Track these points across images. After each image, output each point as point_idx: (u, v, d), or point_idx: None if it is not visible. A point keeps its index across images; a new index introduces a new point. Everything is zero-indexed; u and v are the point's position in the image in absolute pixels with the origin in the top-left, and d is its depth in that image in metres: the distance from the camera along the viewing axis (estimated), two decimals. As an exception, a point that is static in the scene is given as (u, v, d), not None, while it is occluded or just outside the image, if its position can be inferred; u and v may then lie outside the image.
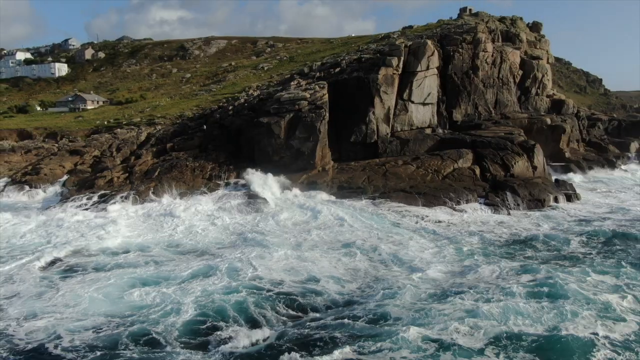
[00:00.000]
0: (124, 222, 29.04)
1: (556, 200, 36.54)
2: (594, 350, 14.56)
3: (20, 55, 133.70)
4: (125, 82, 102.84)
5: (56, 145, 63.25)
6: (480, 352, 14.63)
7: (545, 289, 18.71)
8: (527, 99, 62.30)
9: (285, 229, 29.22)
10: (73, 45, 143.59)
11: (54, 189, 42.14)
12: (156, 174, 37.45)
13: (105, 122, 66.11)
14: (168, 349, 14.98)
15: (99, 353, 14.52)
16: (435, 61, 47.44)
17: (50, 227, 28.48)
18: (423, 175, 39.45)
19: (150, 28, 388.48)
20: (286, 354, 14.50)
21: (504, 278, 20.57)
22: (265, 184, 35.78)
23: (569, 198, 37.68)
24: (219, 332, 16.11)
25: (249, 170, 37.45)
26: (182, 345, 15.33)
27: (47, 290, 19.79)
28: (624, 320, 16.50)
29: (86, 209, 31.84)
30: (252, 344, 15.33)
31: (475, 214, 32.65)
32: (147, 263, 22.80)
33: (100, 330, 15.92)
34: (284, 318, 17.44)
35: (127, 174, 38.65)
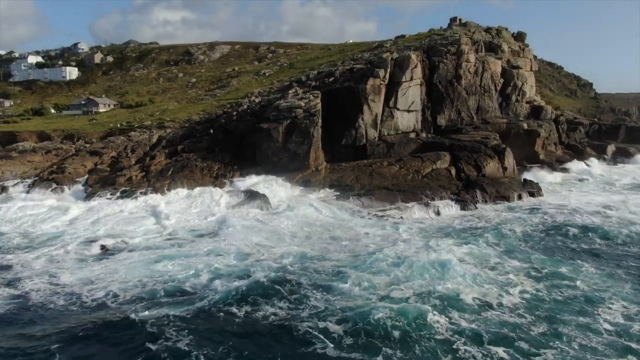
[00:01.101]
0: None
1: (520, 197, 41.72)
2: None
3: (32, 59, 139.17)
4: (134, 86, 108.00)
5: (73, 146, 68.53)
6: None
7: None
8: (508, 105, 67.43)
9: (281, 223, 34.57)
10: (82, 49, 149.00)
11: (78, 186, 47.41)
12: (169, 172, 42.76)
13: (118, 125, 71.40)
14: (195, 294, 20.68)
15: (145, 302, 19.96)
16: (418, 72, 52.63)
17: (90, 215, 33.93)
18: (405, 175, 44.67)
19: (154, 29, 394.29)
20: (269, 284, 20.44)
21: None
22: (269, 184, 41.02)
23: (532, 194, 42.88)
24: (221, 281, 21.98)
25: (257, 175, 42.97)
26: (201, 290, 21.20)
27: (93, 264, 25.10)
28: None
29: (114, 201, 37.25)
30: (242, 285, 21.36)
31: (445, 209, 37.81)
32: (173, 246, 28.26)
33: (142, 288, 21.36)
34: (267, 271, 23.01)
35: (143, 173, 43.95)
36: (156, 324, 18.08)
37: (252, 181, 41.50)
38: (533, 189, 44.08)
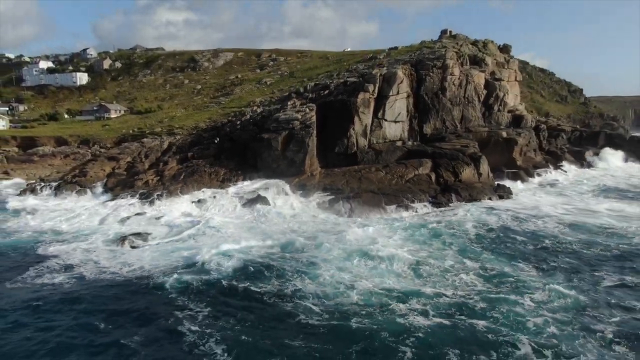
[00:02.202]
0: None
1: (490, 199, 47.23)
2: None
3: (43, 64, 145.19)
4: (142, 92, 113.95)
5: (89, 150, 74.47)
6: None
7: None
8: (491, 115, 72.89)
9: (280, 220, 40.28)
10: (91, 55, 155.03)
11: (99, 188, 53.06)
12: (182, 177, 48.38)
13: (131, 131, 77.18)
14: (205, 268, 26.86)
15: (169, 275, 26.25)
16: (404, 87, 58.18)
17: (114, 213, 39.68)
18: (389, 180, 50.20)
19: (157, 29, 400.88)
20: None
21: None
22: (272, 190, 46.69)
23: (502, 197, 48.41)
24: (224, 262, 27.87)
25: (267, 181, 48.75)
26: (208, 267, 27.37)
27: (124, 253, 30.86)
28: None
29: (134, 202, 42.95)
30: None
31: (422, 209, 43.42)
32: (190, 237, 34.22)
33: (166, 267, 27.40)
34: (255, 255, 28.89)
35: (158, 177, 49.54)
36: (179, 289, 24.56)
37: (255, 186, 47.08)
38: (503, 193, 49.62)
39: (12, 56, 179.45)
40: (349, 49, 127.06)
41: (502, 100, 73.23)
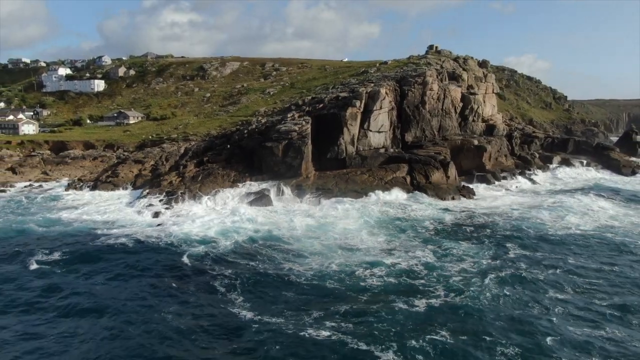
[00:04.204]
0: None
1: (453, 199, 57.35)
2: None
3: (62, 71, 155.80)
4: (156, 99, 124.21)
5: (115, 154, 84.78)
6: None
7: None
8: (466, 124, 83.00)
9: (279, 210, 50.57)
10: (105, 62, 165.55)
11: (129, 187, 63.40)
12: (199, 178, 58.60)
13: (150, 137, 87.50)
14: (214, 236, 36.84)
15: (193, 245, 36.52)
16: (386, 103, 68.37)
17: (151, 206, 50.24)
18: (372, 181, 60.42)
19: (162, 30, 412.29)
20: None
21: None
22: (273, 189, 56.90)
23: (464, 196, 58.51)
24: (225, 238, 37.79)
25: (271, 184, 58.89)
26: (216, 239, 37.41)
27: (161, 233, 41.31)
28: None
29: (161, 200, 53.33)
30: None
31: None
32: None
33: (193, 239, 37.85)
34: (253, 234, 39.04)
35: (180, 178, 59.78)
36: (201, 254, 35.13)
37: (263, 186, 57.32)
38: (466, 193, 59.76)
39: (28, 60, 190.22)
40: (346, 59, 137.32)
41: (476, 112, 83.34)
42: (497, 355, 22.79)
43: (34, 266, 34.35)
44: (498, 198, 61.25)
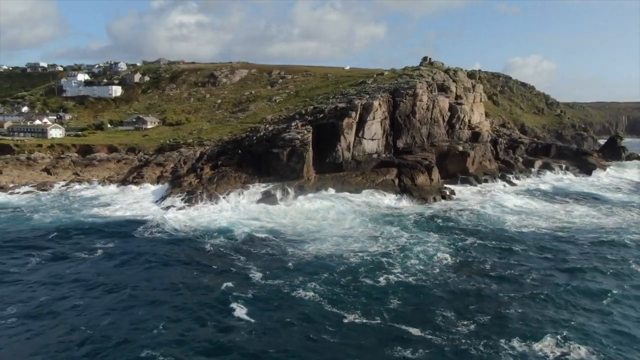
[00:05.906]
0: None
1: (434, 199, 66.11)
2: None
3: (81, 77, 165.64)
4: (170, 105, 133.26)
5: (136, 157, 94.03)
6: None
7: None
8: (453, 132, 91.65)
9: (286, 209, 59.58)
10: (121, 68, 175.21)
11: (152, 187, 72.63)
12: (215, 179, 67.77)
13: (168, 141, 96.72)
14: (230, 228, 45.92)
15: (211, 236, 45.56)
16: (379, 114, 77.26)
17: (175, 204, 59.51)
18: (364, 183, 69.35)
19: (170, 31, 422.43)
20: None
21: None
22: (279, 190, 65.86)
23: (444, 197, 67.27)
24: (238, 229, 46.83)
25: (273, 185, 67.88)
26: (231, 230, 46.40)
27: (183, 225, 50.41)
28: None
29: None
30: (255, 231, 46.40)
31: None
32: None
33: (213, 228, 46.93)
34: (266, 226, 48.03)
35: (198, 180, 68.95)
36: (221, 242, 44.03)
37: (269, 187, 66.36)
38: (447, 194, 68.52)
39: (45, 65, 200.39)
40: (348, 67, 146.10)
41: (463, 120, 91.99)
42: (437, 317, 31.72)
43: (83, 255, 43.18)
44: (473, 198, 69.91)
